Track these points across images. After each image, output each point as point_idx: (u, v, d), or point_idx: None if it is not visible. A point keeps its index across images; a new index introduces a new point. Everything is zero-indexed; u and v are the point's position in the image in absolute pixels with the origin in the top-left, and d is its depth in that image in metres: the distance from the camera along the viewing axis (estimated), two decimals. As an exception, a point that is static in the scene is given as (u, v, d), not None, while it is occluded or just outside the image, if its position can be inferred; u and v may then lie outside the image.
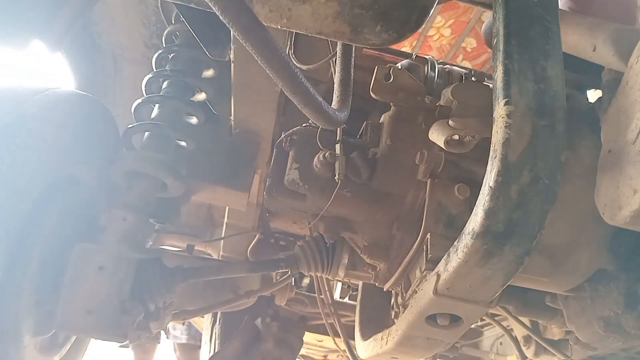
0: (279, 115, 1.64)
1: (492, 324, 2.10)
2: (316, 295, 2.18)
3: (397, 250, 1.33)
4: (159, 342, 3.96)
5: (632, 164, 0.84)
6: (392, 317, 1.52)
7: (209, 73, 1.69)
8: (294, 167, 1.34)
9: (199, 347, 4.22)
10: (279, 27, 0.88)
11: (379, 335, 1.43)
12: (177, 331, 4.24)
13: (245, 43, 0.77)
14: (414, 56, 1.64)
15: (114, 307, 1.35)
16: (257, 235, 2.24)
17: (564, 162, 0.83)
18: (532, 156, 0.82)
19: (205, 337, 2.72)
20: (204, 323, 2.92)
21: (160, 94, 1.59)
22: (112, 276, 1.35)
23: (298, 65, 1.36)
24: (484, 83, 1.35)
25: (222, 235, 2.24)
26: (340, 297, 2.88)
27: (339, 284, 2.91)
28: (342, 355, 3.22)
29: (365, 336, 1.66)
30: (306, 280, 2.93)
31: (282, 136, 1.43)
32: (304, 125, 1.44)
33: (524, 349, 1.75)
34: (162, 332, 3.71)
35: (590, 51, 1.02)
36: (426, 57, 1.55)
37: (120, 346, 1.48)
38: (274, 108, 1.56)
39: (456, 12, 3.55)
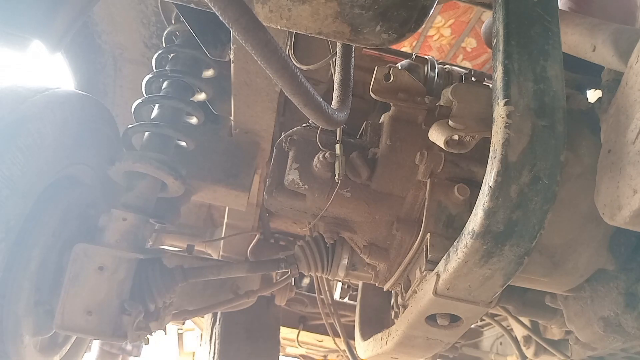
0: (279, 115, 1.64)
1: (492, 324, 2.10)
2: (316, 295, 2.19)
3: (397, 250, 1.33)
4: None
5: (632, 164, 0.84)
6: (392, 317, 1.52)
7: (209, 73, 1.69)
8: (294, 167, 1.34)
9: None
10: (278, 27, 0.88)
11: (379, 335, 1.43)
12: None
13: (245, 43, 0.77)
14: (414, 56, 1.64)
15: (114, 307, 1.35)
16: (257, 235, 2.24)
17: (564, 162, 0.83)
18: (531, 156, 0.82)
19: (205, 337, 2.72)
20: (204, 323, 2.92)
21: (160, 94, 1.59)
22: (112, 276, 1.35)
23: (298, 65, 1.36)
24: (484, 83, 1.36)
25: (222, 235, 2.24)
26: (340, 297, 2.88)
27: (339, 284, 2.92)
28: (342, 355, 3.23)
29: (365, 336, 1.66)
30: (306, 280, 2.94)
31: (282, 136, 1.43)
32: (304, 125, 1.44)
33: (524, 349, 1.75)
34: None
35: (590, 51, 1.02)
36: (426, 57, 1.55)
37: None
38: (274, 108, 1.56)
39: (456, 12, 3.55)
